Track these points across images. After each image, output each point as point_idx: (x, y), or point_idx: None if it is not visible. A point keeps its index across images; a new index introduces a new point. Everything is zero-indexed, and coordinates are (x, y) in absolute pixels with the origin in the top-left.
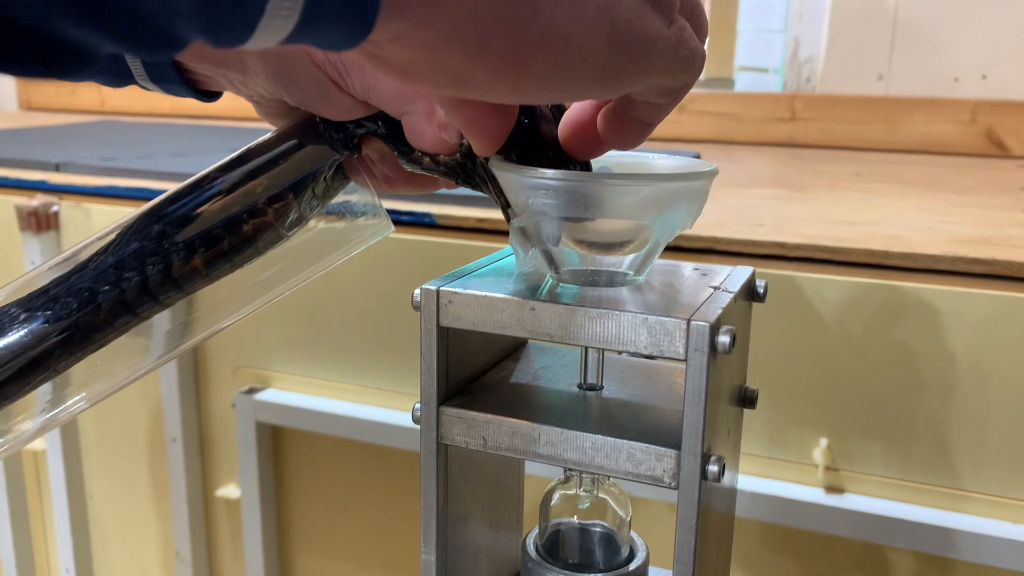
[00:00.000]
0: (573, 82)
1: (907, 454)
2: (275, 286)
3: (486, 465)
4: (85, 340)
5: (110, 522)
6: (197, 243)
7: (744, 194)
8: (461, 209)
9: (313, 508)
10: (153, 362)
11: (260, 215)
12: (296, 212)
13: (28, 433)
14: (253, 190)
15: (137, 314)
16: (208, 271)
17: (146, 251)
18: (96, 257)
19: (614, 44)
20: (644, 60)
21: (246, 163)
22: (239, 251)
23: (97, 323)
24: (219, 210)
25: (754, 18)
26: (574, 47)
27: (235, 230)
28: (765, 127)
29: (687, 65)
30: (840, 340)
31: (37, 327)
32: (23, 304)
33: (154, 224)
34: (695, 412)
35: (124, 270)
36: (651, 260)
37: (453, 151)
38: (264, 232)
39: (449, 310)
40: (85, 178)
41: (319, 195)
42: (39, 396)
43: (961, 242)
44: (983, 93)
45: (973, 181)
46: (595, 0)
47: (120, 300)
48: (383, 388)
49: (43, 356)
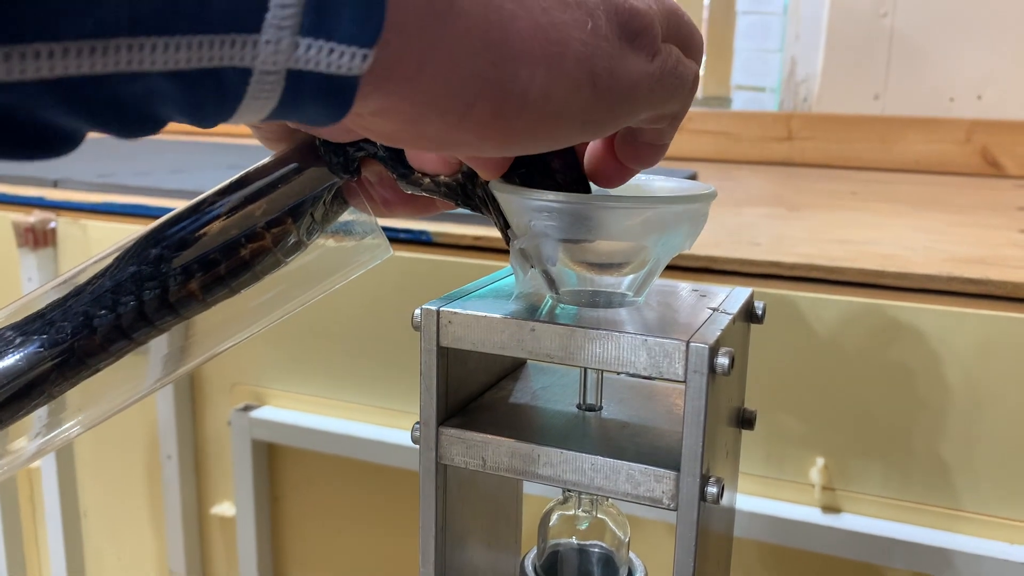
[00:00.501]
0: (560, 132)
1: (904, 474)
2: (273, 310)
3: (485, 485)
4: (80, 365)
5: (104, 539)
6: (194, 267)
7: (740, 213)
8: (458, 227)
9: (309, 527)
10: (152, 385)
11: (258, 239)
12: (295, 237)
13: (22, 458)
14: (251, 214)
15: (133, 339)
16: (205, 296)
17: (143, 275)
18: (93, 281)
19: (596, 93)
20: (629, 102)
21: (245, 187)
22: (236, 276)
23: (93, 348)
24: (217, 234)
25: (751, 38)
26: (556, 103)
27: (232, 255)
28: (762, 146)
29: (675, 93)
30: (836, 359)
31: (32, 351)
32: (19, 328)
33: (152, 248)
34: (694, 434)
35: (121, 294)
36: (650, 281)
37: (455, 171)
38: (262, 257)
39: (449, 330)
40: (83, 194)
41: (318, 220)
42: (34, 420)
43: (957, 262)
44: (979, 113)
45: (969, 201)
46: (573, 54)
47: (116, 325)
48: (379, 406)
49: (38, 380)
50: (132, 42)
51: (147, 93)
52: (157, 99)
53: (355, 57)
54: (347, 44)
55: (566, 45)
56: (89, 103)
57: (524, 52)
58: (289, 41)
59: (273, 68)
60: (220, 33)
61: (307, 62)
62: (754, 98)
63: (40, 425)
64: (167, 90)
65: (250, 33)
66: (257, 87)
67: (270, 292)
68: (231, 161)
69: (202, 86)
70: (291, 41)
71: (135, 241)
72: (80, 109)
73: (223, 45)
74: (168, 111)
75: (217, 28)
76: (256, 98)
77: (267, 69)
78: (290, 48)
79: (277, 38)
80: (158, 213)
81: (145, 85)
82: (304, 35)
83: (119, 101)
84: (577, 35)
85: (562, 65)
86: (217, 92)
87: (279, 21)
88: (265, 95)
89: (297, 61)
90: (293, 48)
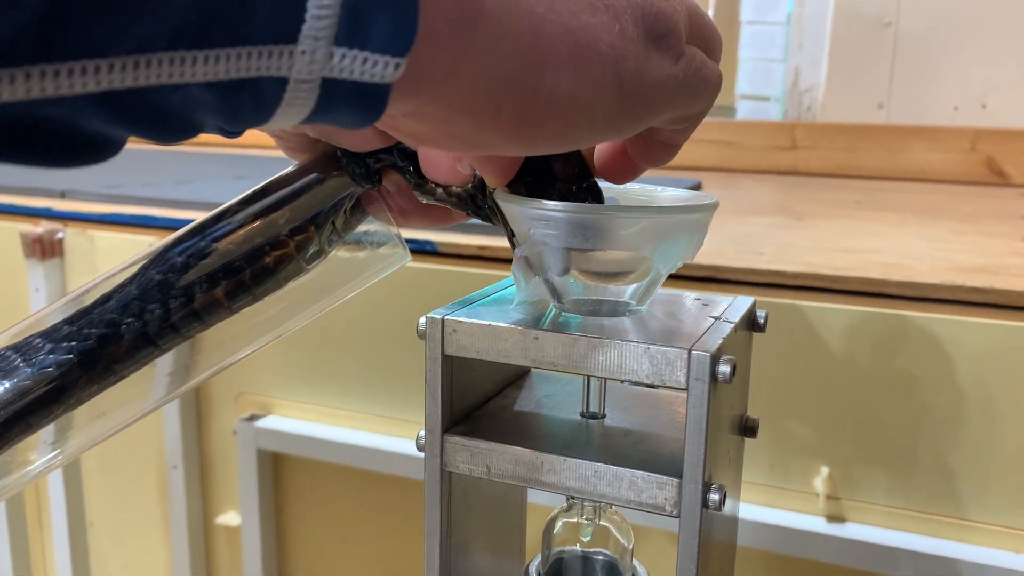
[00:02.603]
0: (585, 133)
1: (909, 483)
2: (294, 316)
3: (489, 493)
4: (108, 372)
5: (110, 549)
6: (219, 274)
7: (745, 222)
8: (463, 237)
9: (314, 536)
10: (165, 395)
11: (282, 247)
12: (316, 245)
13: (31, 475)
14: (275, 222)
15: (159, 346)
16: (230, 303)
17: (170, 283)
18: (120, 289)
19: (622, 96)
20: (653, 104)
21: (268, 196)
22: (260, 283)
23: (119, 355)
24: (241, 242)
25: (755, 47)
26: (582, 105)
27: (257, 262)
28: (766, 155)
29: (699, 94)
30: (840, 368)
31: (61, 358)
32: (47, 335)
33: (178, 256)
34: (696, 441)
35: (147, 302)
36: (653, 290)
37: (466, 182)
38: (285, 264)
39: (454, 339)
40: (90, 205)
41: (339, 228)
42: (42, 435)
43: (961, 270)
44: (983, 122)
45: (973, 209)
46: (600, 58)
47: (143, 332)
48: (384, 415)
49: (67, 386)
50: (173, 56)
51: (186, 102)
52: (196, 107)
53: (388, 66)
54: (380, 53)
55: (594, 49)
56: (131, 113)
57: (553, 55)
58: (324, 51)
59: (308, 77)
60: (258, 45)
61: (341, 71)
62: (758, 107)
63: (48, 441)
64: (206, 99)
65: (287, 44)
66: (293, 95)
67: (289, 300)
68: (238, 172)
69: (240, 95)
70: (326, 51)
71: (160, 248)
72: (123, 119)
73: (260, 56)
74: (206, 118)
75: (254, 40)
76: (292, 104)
77: (303, 78)
78: (325, 58)
79: (313, 48)
80: (165, 224)
81: (185, 95)
82: (339, 45)
83: (160, 111)
84: (605, 39)
85: (589, 68)
86: (254, 100)
87: (315, 32)
88: (300, 102)
89: (332, 70)
90: (328, 58)
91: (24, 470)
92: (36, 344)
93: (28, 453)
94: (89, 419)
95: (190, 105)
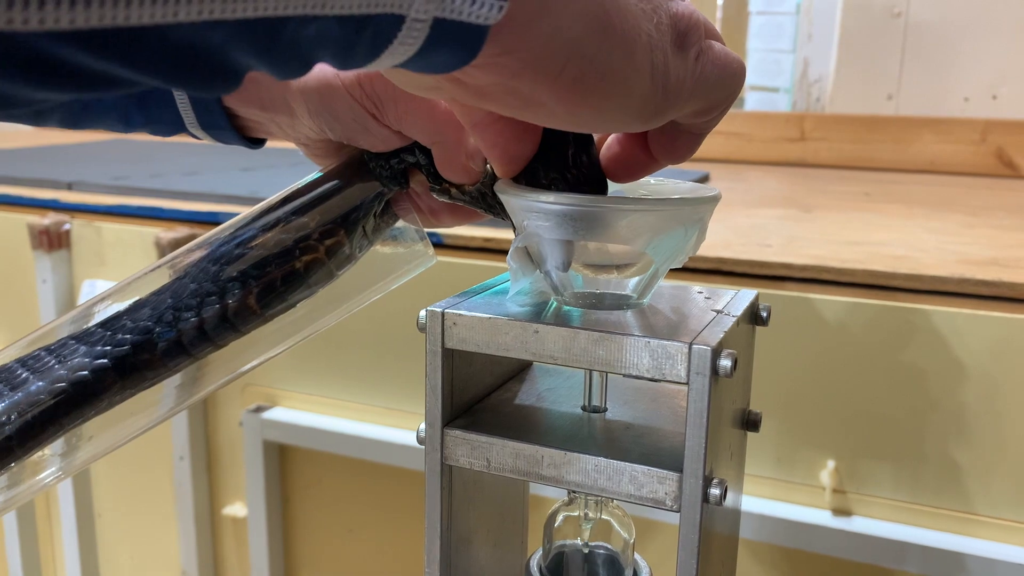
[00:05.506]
0: (619, 114)
1: (915, 476)
2: (322, 317)
3: (490, 486)
4: (140, 377)
5: (118, 540)
6: (251, 281)
7: (752, 214)
8: (468, 229)
9: (320, 526)
10: (189, 398)
11: (312, 252)
12: (347, 249)
13: (42, 483)
14: (304, 227)
15: (191, 354)
16: (263, 309)
17: (203, 291)
18: (153, 297)
19: (654, 84)
20: (677, 97)
21: (295, 200)
22: (292, 288)
23: (152, 361)
24: (272, 247)
25: (764, 38)
26: (625, 84)
27: (287, 267)
28: (775, 147)
29: (722, 85)
30: (847, 361)
31: (95, 362)
32: (81, 338)
33: (212, 265)
34: (697, 435)
35: (181, 309)
36: (654, 284)
37: (477, 180)
38: (316, 268)
39: (454, 332)
40: (97, 197)
41: (368, 232)
42: (58, 443)
43: (969, 263)
44: (993, 113)
45: (983, 201)
46: (641, 43)
47: (176, 340)
48: (390, 407)
49: (101, 390)
50: None
51: (318, 36)
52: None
53: (493, 8)
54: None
55: (640, 32)
56: (271, 42)
57: (612, 29)
58: None
59: (423, 16)
60: None
61: (452, 11)
62: (767, 99)
63: (62, 448)
64: (333, 34)
65: None
66: (406, 33)
67: (316, 303)
68: (244, 164)
69: (363, 32)
70: None
71: (193, 259)
72: (262, 49)
73: None
74: (323, 55)
75: None
76: (402, 43)
77: (419, 17)
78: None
79: None
80: (172, 215)
81: (318, 28)
82: None
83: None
84: (646, 26)
85: (635, 50)
86: (372, 39)
87: None
88: (411, 41)
89: (444, 10)
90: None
91: (35, 477)
92: (71, 346)
93: (42, 462)
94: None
95: (319, 39)
